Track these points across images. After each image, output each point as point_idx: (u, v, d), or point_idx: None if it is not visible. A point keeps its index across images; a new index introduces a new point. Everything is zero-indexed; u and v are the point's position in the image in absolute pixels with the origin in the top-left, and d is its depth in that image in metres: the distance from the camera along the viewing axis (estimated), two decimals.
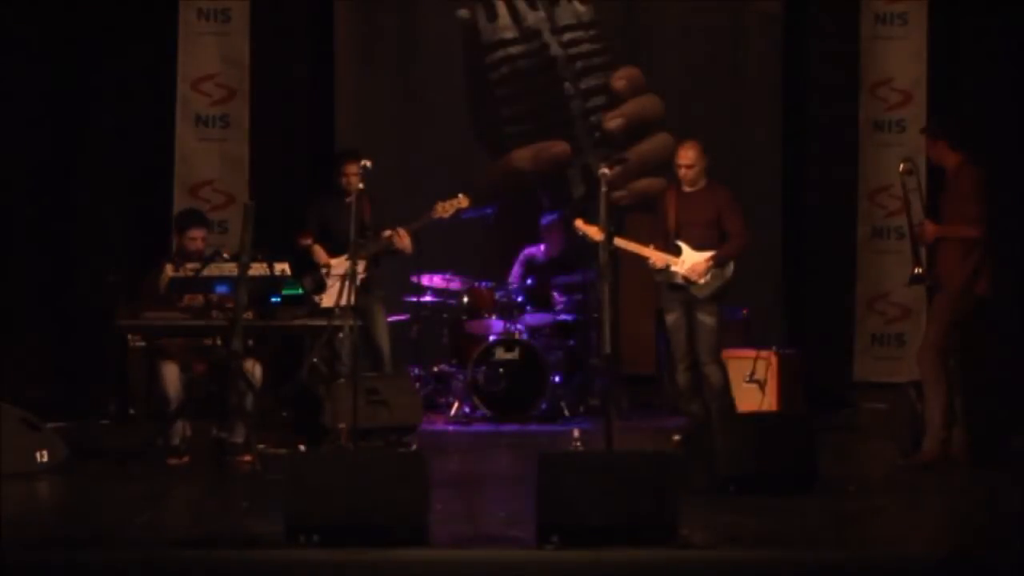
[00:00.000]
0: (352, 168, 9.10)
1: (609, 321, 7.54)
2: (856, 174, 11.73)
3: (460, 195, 9.65)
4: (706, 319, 9.19)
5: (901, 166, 8.78)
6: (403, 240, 9.48)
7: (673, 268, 9.20)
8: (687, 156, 9.24)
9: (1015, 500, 7.39)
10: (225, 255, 8.52)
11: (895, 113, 11.73)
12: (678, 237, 9.23)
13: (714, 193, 9.30)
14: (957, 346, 8.40)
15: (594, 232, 9.10)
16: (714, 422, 7.69)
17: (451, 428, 10.41)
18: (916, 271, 8.55)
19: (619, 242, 9.01)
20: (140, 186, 11.41)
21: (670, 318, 9.34)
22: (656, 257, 9.21)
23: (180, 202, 11.15)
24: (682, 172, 9.26)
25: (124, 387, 10.33)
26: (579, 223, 9.29)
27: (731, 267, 9.23)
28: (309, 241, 9.52)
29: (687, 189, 9.30)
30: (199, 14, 11.49)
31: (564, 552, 6.14)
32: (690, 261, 9.17)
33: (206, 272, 8.31)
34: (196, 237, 8.83)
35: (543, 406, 10.55)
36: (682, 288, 9.22)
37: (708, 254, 9.15)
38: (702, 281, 9.16)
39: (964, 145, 8.46)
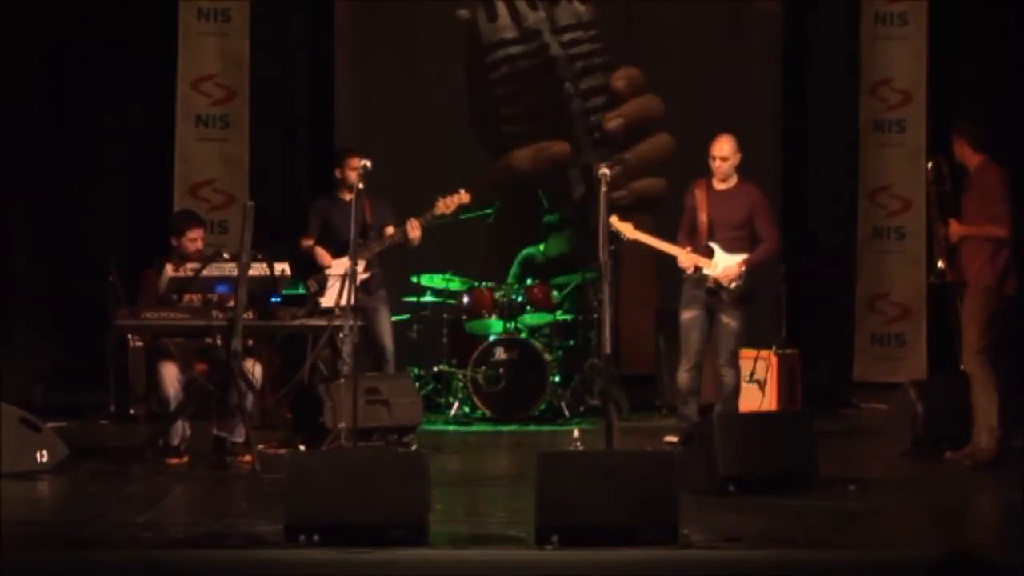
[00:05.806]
0: (355, 162, 9.05)
1: (609, 321, 7.53)
2: (856, 174, 11.72)
3: (461, 190, 9.62)
4: (731, 322, 8.88)
5: (930, 164, 8.71)
6: (415, 231, 9.45)
7: (705, 271, 8.87)
8: (722, 148, 8.89)
9: (1016, 500, 7.39)
10: (225, 255, 8.53)
11: (895, 113, 11.72)
12: (709, 237, 8.92)
13: (746, 192, 8.97)
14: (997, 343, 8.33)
15: (628, 229, 8.87)
16: (714, 422, 7.67)
17: (451, 428, 10.41)
18: (940, 265, 8.49)
19: (651, 241, 8.85)
20: (140, 186, 11.41)
21: (687, 315, 8.97)
22: (687, 260, 8.85)
23: (180, 202, 11.16)
24: (716, 164, 8.90)
25: (124, 387, 10.32)
26: (614, 219, 8.75)
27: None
28: (310, 243, 9.51)
29: (719, 186, 8.95)
30: (199, 14, 11.49)
31: (564, 552, 6.15)
32: (722, 264, 8.83)
33: (206, 272, 8.32)
34: (196, 238, 8.82)
35: (543, 406, 10.55)
36: (711, 290, 8.88)
37: (741, 258, 8.83)
38: (733, 286, 8.85)
39: (986, 146, 8.44)
